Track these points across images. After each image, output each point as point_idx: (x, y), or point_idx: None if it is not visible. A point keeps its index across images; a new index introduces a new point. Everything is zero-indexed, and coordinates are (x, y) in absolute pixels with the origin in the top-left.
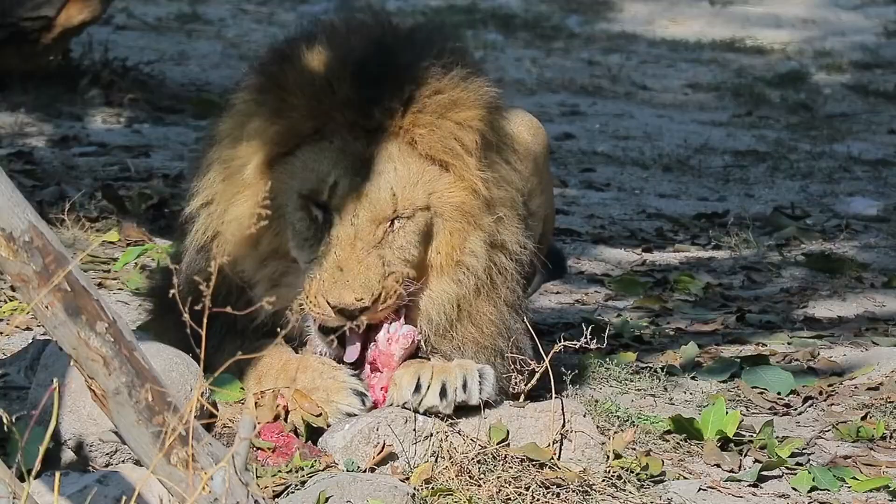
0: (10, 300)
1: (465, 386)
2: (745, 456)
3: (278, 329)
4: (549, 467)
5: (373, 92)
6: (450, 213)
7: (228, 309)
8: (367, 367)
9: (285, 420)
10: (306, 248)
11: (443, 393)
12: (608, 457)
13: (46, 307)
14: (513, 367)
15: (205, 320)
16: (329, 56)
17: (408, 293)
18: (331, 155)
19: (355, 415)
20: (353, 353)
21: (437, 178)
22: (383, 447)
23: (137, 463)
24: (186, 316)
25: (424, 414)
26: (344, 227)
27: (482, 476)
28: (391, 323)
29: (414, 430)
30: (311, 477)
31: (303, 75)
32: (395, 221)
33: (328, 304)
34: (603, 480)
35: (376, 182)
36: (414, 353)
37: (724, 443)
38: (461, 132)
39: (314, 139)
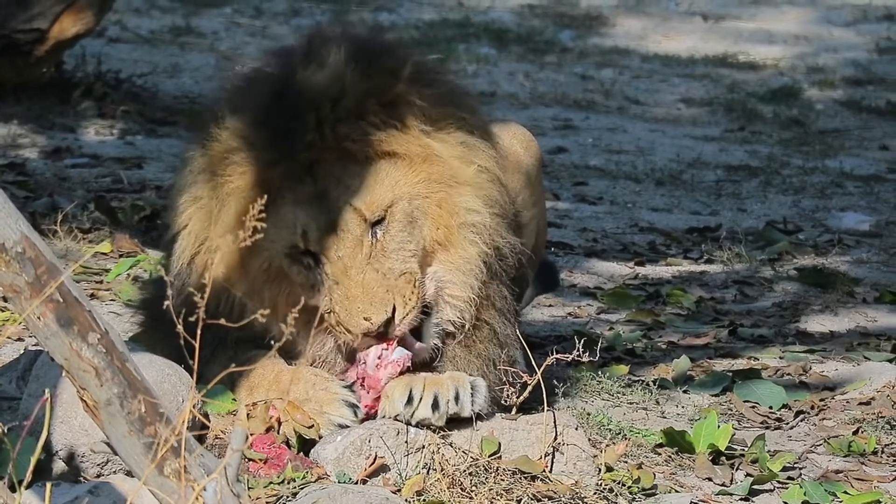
0: (2, 311)
1: (457, 398)
2: (736, 470)
3: (271, 342)
4: (541, 480)
5: (286, 138)
6: (424, 189)
7: (222, 321)
8: (354, 384)
9: (277, 431)
10: (318, 292)
11: (435, 405)
12: (600, 470)
13: (38, 318)
14: (505, 378)
15: (198, 332)
16: (237, 126)
17: (430, 279)
18: (287, 208)
19: (347, 426)
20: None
21: (392, 168)
22: (375, 459)
23: (129, 474)
24: (180, 327)
25: (416, 426)
26: (333, 263)
27: (474, 488)
28: (385, 348)
29: (406, 442)
30: (302, 488)
31: (225, 154)
32: (375, 230)
33: (351, 333)
34: (595, 493)
35: (335, 207)
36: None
37: (716, 456)
38: (381, 117)
39: (268, 201)
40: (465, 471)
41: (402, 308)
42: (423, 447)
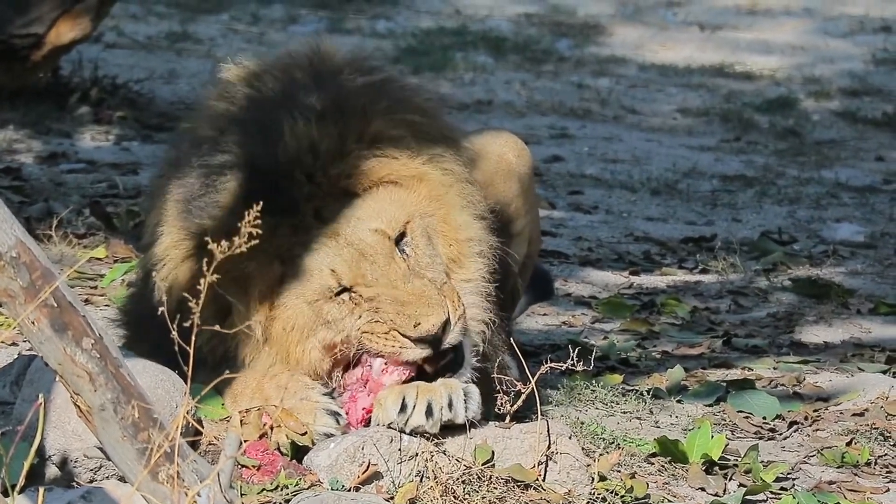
0: None
1: (450, 405)
2: (729, 480)
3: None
4: (534, 488)
5: (281, 199)
6: (427, 208)
7: (217, 327)
8: (356, 382)
9: (269, 438)
10: (349, 325)
11: (429, 412)
12: (593, 479)
13: (33, 323)
14: (498, 387)
15: (192, 338)
16: (232, 197)
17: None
18: (306, 258)
19: (331, 434)
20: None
21: (393, 191)
22: (368, 466)
23: (122, 479)
24: (175, 334)
25: (410, 433)
26: (374, 285)
27: (467, 496)
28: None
29: (399, 449)
30: (295, 495)
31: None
32: (402, 247)
33: (408, 337)
34: (587, 502)
35: (355, 238)
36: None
37: (709, 466)
38: (365, 152)
39: (286, 260)
40: (458, 479)
41: (454, 314)
42: (417, 455)
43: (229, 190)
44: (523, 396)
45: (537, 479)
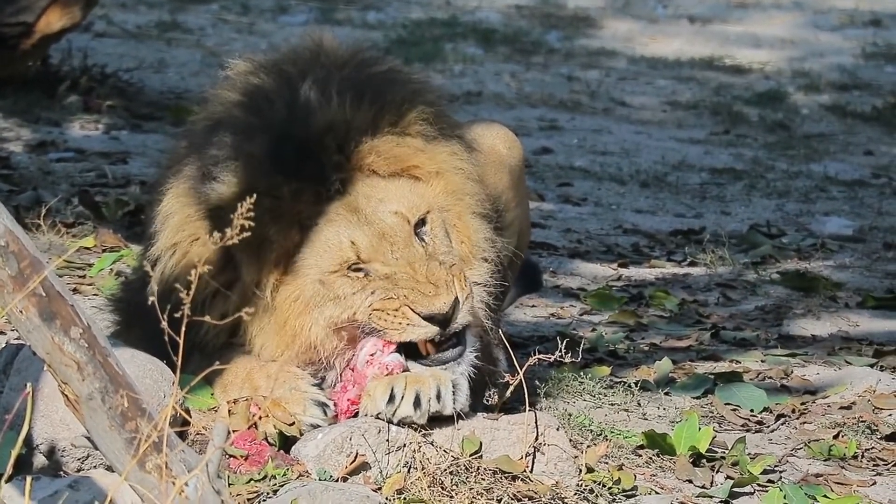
0: None
1: (438, 396)
2: (717, 472)
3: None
4: (522, 480)
5: (309, 164)
6: (444, 202)
7: (208, 318)
8: (347, 371)
9: (257, 428)
10: (359, 302)
11: (417, 403)
12: (581, 470)
13: (21, 312)
14: (486, 377)
15: (183, 328)
16: (248, 163)
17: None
18: (326, 229)
19: (318, 425)
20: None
21: (414, 183)
22: (356, 457)
23: (109, 469)
24: (164, 324)
25: (398, 424)
26: (392, 264)
27: (454, 487)
28: (380, 350)
29: (387, 440)
30: (283, 485)
31: (231, 201)
32: (421, 234)
33: (419, 314)
34: (575, 494)
35: (375, 217)
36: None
37: (697, 458)
38: (395, 138)
39: (306, 228)
40: (445, 470)
41: (462, 298)
42: (405, 446)
43: (251, 153)
44: (511, 388)
45: (525, 471)
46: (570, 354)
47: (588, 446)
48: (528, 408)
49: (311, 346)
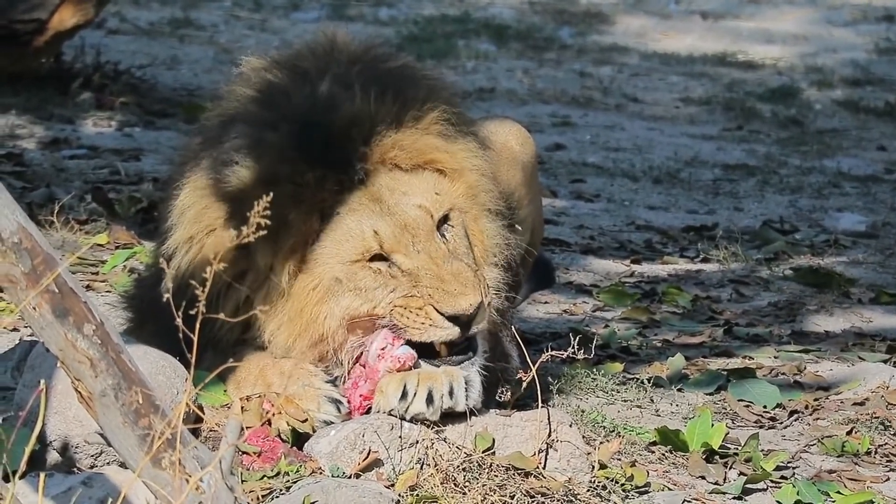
0: None
1: (451, 392)
2: (730, 468)
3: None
4: (535, 476)
5: (334, 152)
6: (463, 204)
7: (222, 315)
8: (358, 368)
9: (270, 424)
10: (381, 296)
11: (429, 399)
12: (593, 467)
13: (34, 308)
14: (499, 374)
15: (198, 325)
16: (272, 149)
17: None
18: (348, 218)
19: (331, 422)
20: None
21: (438, 178)
22: (369, 453)
23: (122, 465)
24: (179, 321)
25: (411, 421)
26: (414, 257)
27: (467, 484)
28: (391, 343)
29: (400, 436)
30: (296, 482)
31: (252, 187)
32: (442, 231)
33: (443, 314)
34: (588, 490)
35: (399, 209)
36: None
37: (710, 455)
38: (426, 133)
39: (327, 216)
40: (458, 466)
41: (485, 300)
42: (417, 442)
43: (273, 141)
44: (524, 384)
45: (538, 467)
46: (582, 351)
47: (601, 443)
48: (540, 404)
49: (322, 336)
